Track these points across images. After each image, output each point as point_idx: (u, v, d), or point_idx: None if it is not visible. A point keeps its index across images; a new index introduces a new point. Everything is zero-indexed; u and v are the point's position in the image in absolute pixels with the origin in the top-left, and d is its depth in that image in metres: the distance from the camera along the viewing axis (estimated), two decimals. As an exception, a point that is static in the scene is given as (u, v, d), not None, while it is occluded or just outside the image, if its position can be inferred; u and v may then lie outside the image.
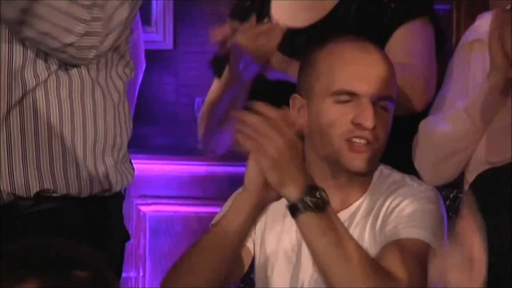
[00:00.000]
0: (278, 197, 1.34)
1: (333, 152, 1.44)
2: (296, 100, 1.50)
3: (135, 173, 1.66)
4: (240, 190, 1.40)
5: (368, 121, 1.42)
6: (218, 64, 1.96)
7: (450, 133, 1.76)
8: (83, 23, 1.43)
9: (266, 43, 1.69)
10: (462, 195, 1.68)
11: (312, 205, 1.28)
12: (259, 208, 1.36)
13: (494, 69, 1.69)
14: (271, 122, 1.30)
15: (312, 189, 1.29)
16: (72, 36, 1.43)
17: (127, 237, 1.63)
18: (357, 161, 1.44)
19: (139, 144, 2.34)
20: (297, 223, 1.31)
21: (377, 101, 1.44)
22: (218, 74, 1.95)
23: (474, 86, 1.77)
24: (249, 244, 1.53)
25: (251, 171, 1.33)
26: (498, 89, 1.69)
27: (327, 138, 1.45)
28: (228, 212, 1.39)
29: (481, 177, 1.50)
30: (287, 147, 1.30)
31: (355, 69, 1.46)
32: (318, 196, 1.29)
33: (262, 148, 1.29)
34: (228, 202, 1.49)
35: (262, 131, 1.29)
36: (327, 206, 1.30)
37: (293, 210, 1.30)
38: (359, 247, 1.33)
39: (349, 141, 1.44)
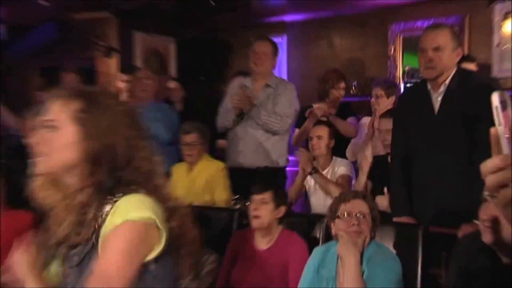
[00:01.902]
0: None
1: None
2: None
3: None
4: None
5: None
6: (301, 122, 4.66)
7: (351, 148, 4.30)
8: (277, 125, 4.34)
9: None
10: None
11: (315, 171, 3.86)
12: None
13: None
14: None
15: (315, 168, 3.86)
16: (275, 129, 4.37)
17: None
18: None
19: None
20: (313, 176, 3.90)
21: None
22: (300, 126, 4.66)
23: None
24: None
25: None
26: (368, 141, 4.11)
27: None
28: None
29: (373, 160, 3.84)
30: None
31: None
32: (317, 169, 3.83)
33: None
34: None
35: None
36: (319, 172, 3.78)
37: (312, 172, 3.92)
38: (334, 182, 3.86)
39: None
